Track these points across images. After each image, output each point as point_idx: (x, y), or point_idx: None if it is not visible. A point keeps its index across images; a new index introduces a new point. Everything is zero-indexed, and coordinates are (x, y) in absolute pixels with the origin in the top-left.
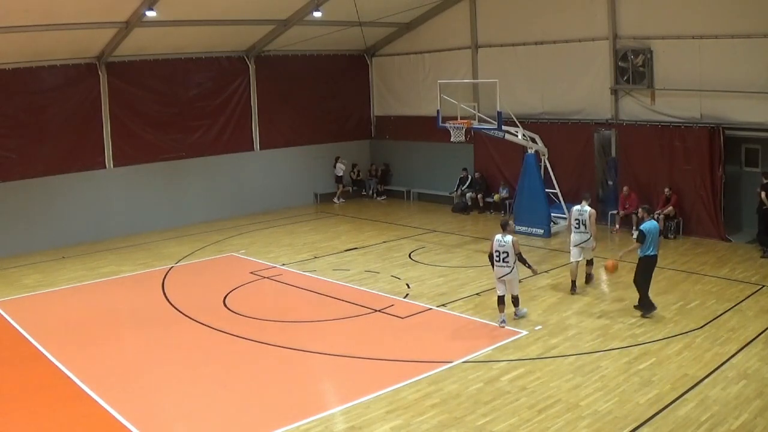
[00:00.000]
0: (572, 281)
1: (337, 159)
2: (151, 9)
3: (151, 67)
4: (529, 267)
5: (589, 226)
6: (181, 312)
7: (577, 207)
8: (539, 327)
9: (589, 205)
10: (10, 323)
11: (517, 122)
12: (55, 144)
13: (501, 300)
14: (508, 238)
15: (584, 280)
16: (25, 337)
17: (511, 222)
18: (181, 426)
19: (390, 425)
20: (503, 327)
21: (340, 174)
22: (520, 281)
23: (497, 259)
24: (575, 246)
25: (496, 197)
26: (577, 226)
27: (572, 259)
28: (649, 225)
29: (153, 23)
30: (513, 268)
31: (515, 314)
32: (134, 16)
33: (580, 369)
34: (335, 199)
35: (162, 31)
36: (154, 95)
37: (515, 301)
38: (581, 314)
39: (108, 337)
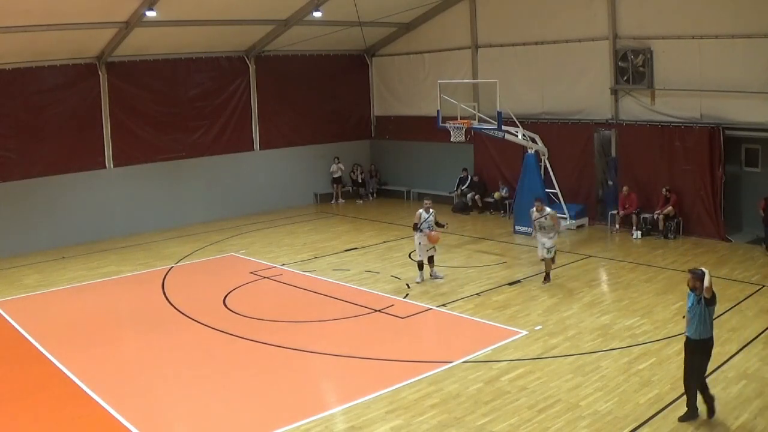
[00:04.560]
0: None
1: (336, 160)
2: (151, 9)
3: (151, 67)
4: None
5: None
6: (181, 312)
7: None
8: (539, 327)
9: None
10: (10, 323)
11: (517, 122)
12: (55, 144)
13: (421, 265)
14: (432, 213)
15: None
16: (24, 337)
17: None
18: (181, 426)
19: (390, 425)
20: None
21: (338, 175)
22: (519, 281)
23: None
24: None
25: (496, 195)
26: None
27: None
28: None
29: (153, 23)
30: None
31: (433, 274)
32: (134, 16)
33: (580, 369)
34: (334, 200)
35: (162, 31)
36: (154, 95)
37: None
38: (581, 314)
39: (108, 337)
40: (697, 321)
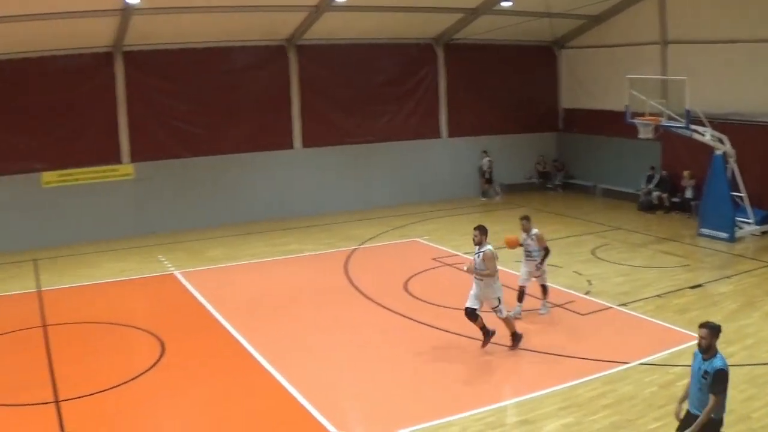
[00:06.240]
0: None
1: (483, 153)
2: None
3: (339, 51)
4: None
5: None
6: (362, 293)
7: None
8: None
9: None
10: (193, 295)
11: (705, 122)
12: (244, 122)
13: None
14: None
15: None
16: (206, 308)
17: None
18: (352, 403)
19: (562, 422)
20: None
21: (486, 168)
22: (700, 285)
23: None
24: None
25: (686, 173)
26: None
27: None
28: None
29: (342, 8)
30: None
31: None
32: (324, 1)
33: (755, 380)
34: (484, 196)
35: (350, 16)
36: (341, 79)
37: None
38: (762, 323)
39: (287, 312)
40: (702, 393)
